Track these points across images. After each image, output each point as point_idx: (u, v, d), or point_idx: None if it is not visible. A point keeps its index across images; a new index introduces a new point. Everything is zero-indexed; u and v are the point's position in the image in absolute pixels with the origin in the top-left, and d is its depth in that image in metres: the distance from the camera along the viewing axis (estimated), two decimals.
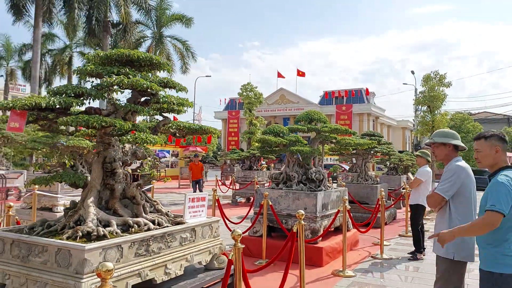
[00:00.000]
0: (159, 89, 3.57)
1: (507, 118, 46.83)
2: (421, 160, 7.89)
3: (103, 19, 30.24)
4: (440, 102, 14.45)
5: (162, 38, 35.71)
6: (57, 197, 8.32)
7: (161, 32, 35.77)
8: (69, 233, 3.21)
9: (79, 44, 37.78)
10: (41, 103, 3.03)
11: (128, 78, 3.41)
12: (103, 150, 3.70)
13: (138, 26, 34.75)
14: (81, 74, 3.54)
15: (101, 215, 3.51)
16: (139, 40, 35.55)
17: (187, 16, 34.71)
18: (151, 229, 3.57)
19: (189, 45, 35.65)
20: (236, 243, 3.33)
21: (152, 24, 35.75)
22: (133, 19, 32.84)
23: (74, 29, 33.00)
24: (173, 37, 36.09)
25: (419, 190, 7.76)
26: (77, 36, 37.19)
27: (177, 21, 35.09)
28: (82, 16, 30.17)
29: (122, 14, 30.11)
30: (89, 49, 35.89)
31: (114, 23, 31.79)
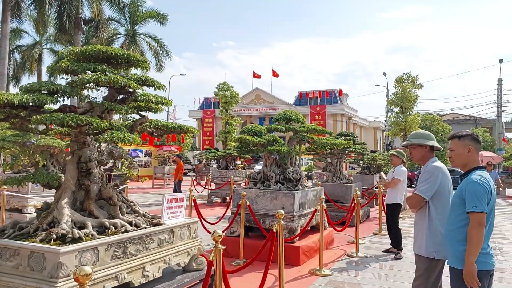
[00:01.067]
0: (137, 87, 3.48)
1: (474, 119, 48.31)
2: (396, 160, 7.96)
3: (74, 16, 29.52)
4: (412, 103, 14.75)
5: (135, 35, 35.16)
6: (27, 198, 8.05)
7: (135, 29, 35.21)
8: (43, 236, 3.09)
9: (49, 40, 36.76)
10: (13, 100, 2.91)
11: (105, 75, 3.31)
12: (77, 149, 3.59)
13: (111, 23, 34.12)
14: (54, 71, 3.42)
15: (76, 216, 3.40)
16: (111, 37, 34.89)
17: (162, 13, 34.29)
18: (128, 230, 3.49)
19: (164, 43, 35.25)
20: (217, 244, 3.28)
21: (126, 21, 35.16)
22: (105, 16, 32.19)
23: (45, 25, 32.02)
24: (147, 35, 35.62)
25: (396, 189, 7.89)
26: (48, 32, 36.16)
27: (151, 19, 34.62)
28: (53, 12, 29.36)
29: (95, 10, 29.48)
30: (60, 46, 35.05)
31: (86, 19, 31.06)
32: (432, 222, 3.77)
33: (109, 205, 3.69)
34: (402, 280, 6.14)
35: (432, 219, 3.78)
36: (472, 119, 47.23)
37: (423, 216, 3.85)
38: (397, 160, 7.95)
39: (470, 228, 3.13)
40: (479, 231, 3.10)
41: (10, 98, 2.90)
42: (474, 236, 3.11)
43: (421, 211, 3.89)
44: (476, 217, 3.09)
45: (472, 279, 3.08)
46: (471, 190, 3.15)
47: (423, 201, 3.80)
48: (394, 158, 7.98)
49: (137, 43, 34.95)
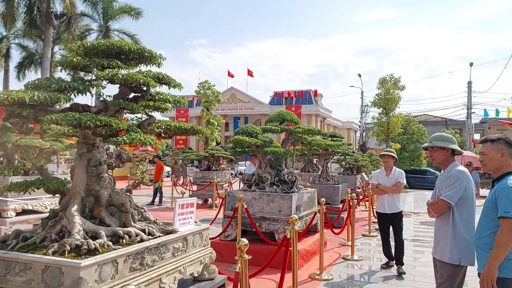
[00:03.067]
0: (155, 85, 3.23)
1: (445, 120, 49.58)
2: (392, 161, 7.07)
3: (45, 10, 28.40)
4: (395, 105, 14.89)
5: (109, 31, 34.27)
6: (7, 201, 7.56)
7: (108, 25, 34.33)
8: (55, 247, 2.80)
9: (18, 35, 35.31)
10: (25, 98, 2.61)
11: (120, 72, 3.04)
12: (86, 151, 3.30)
13: (83, 18, 33.07)
14: (64, 66, 3.12)
15: (88, 225, 3.12)
16: (84, 33, 33.85)
17: (136, 9, 33.53)
18: (144, 240, 3.23)
19: (138, 39, 34.42)
20: (242, 254, 3.08)
21: (99, 17, 34.23)
22: (78, 11, 31.20)
23: (13, 19, 30.76)
24: (121, 31, 34.75)
25: (399, 195, 7.00)
26: (16, 26, 34.73)
27: (125, 14, 33.79)
28: (22, 6, 28.21)
29: (67, 4, 28.54)
30: (29, 41, 33.80)
31: (57, 14, 29.94)
32: (457, 228, 3.67)
33: (121, 212, 3.41)
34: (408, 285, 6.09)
35: (457, 224, 3.68)
36: (443, 120, 48.42)
37: (447, 222, 3.75)
38: (392, 161, 7.08)
39: (499, 233, 3.05)
40: (509, 237, 3.02)
41: (21, 96, 2.60)
42: (503, 242, 3.03)
43: (443, 217, 3.79)
44: (508, 223, 3.02)
45: (489, 283, 3.01)
46: (506, 195, 3.07)
47: (448, 206, 3.71)
48: (390, 159, 7.09)
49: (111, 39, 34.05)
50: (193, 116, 54.92)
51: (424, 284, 6.15)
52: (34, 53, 34.24)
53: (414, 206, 16.84)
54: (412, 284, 6.14)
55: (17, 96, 2.58)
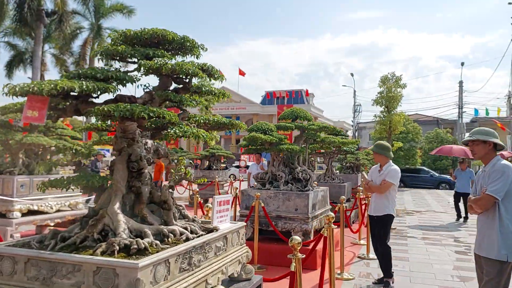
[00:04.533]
0: (203, 76, 3.05)
1: (436, 120, 49.96)
2: (381, 158, 6.00)
3: (36, 7, 27.85)
4: (397, 103, 14.87)
5: (101, 30, 33.84)
6: (12, 202, 7.28)
7: (100, 23, 33.89)
8: (103, 247, 2.62)
9: (7, 33, 34.61)
10: (74, 87, 2.42)
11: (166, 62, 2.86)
12: (127, 146, 3.11)
13: (74, 16, 32.58)
14: (107, 56, 2.93)
15: (132, 223, 2.94)
16: (75, 31, 33.36)
17: (128, 7, 33.15)
18: (189, 238, 3.06)
19: None
20: (296, 253, 2.93)
21: (90, 15, 33.78)
22: (69, 9, 30.69)
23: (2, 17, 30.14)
24: (113, 29, 34.25)
25: (388, 195, 5.90)
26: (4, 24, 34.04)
27: (117, 12, 33.38)
28: (12, 3, 27.64)
29: (58, 2, 28.03)
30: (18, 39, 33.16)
31: (48, 12, 29.39)
32: (503, 223, 3.56)
33: (162, 210, 3.24)
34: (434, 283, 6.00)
35: (503, 219, 3.57)
36: (434, 119, 48.78)
37: (493, 217, 3.63)
38: (382, 157, 6.00)
39: None
40: None
41: (70, 85, 2.41)
42: None
43: (488, 213, 3.68)
44: None
45: None
46: None
47: (494, 201, 3.60)
48: (377, 155, 6.05)
49: (103, 38, 33.64)
50: None
51: (447, 282, 6.07)
52: (24, 52, 33.58)
53: (414, 205, 16.85)
54: (434, 282, 6.05)
55: (66, 86, 2.39)
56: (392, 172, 5.89)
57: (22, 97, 2.57)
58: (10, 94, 2.46)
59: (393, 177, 5.85)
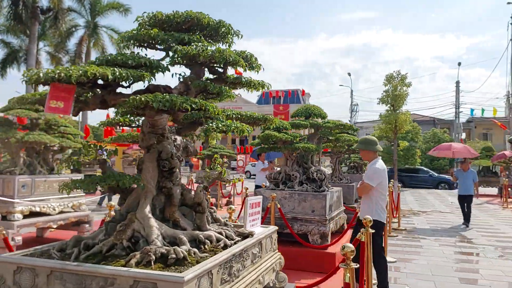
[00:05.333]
0: (244, 65, 2.74)
1: (433, 120, 49.97)
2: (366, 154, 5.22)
3: (31, 4, 27.31)
4: (403, 101, 14.65)
5: (96, 28, 33.31)
6: (13, 203, 6.91)
7: (96, 21, 33.37)
8: (138, 257, 2.30)
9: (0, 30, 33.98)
10: (107, 74, 2.10)
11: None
12: (156, 143, 2.79)
13: (70, 13, 32.03)
14: (136, 41, 2.61)
15: (165, 229, 2.63)
16: (70, 29, 32.81)
17: (124, 5, 32.64)
18: (227, 245, 2.75)
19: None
20: (349, 262, 2.63)
21: (86, 12, 33.25)
22: (65, 6, 30.16)
23: None
24: (109, 28, 33.85)
25: (371, 197, 5.04)
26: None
27: (114, 10, 32.88)
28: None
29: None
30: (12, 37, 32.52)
31: (43, 9, 28.85)
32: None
33: (195, 213, 2.92)
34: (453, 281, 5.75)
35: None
36: (431, 119, 48.76)
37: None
38: (367, 153, 5.18)
39: None
40: None
41: (103, 72, 2.09)
42: None
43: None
44: None
45: None
46: None
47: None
48: (361, 152, 5.37)
49: (99, 36, 33.16)
50: None
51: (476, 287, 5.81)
52: (18, 50, 32.96)
53: (418, 205, 16.63)
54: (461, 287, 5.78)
55: (98, 72, 2.07)
56: (369, 171, 5.00)
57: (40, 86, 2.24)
58: (32, 82, 2.14)
59: (369, 177, 4.94)
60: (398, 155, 27.61)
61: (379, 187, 4.98)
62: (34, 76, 2.01)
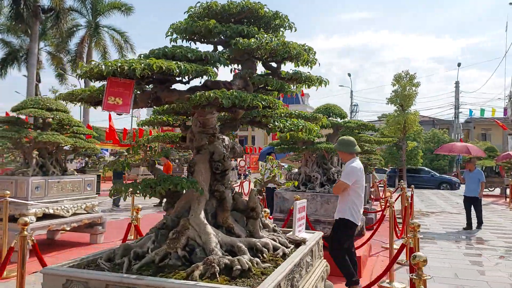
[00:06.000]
0: (307, 59, 2.54)
1: (432, 120, 49.92)
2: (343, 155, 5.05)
3: (32, 3, 27.03)
4: (411, 101, 14.52)
5: (98, 27, 33.02)
6: (27, 205, 6.70)
7: (97, 21, 33.08)
8: (201, 269, 2.11)
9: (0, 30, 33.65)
10: (173, 68, 1.91)
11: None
12: (208, 143, 2.61)
13: (71, 13, 31.74)
14: (187, 33, 2.42)
15: (221, 236, 2.44)
16: (71, 28, 32.52)
17: (127, 4, 32.37)
18: (286, 254, 2.56)
19: (128, 36, 33.33)
20: (420, 272, 2.44)
21: (87, 12, 32.97)
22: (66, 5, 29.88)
23: None
24: (111, 27, 33.53)
25: (344, 197, 4.92)
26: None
27: (116, 10, 32.61)
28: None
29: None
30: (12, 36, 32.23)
31: (45, 8, 28.56)
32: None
33: (247, 219, 2.73)
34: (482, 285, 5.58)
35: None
36: (430, 120, 48.70)
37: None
38: (343, 155, 5.01)
39: None
40: None
41: (168, 65, 1.89)
42: None
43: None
44: None
45: None
46: None
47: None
48: (340, 154, 5.17)
49: (100, 36, 32.88)
50: None
51: None
52: (19, 49, 32.66)
53: (424, 205, 16.49)
54: None
55: (164, 66, 1.87)
56: (346, 170, 4.87)
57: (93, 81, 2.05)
58: (87, 76, 1.95)
59: (345, 176, 4.80)
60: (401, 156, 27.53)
61: (355, 186, 4.86)
62: (95, 68, 1.81)
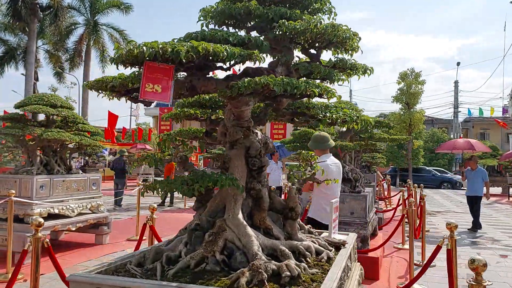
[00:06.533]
0: (353, 45, 2.33)
1: (431, 119, 49.82)
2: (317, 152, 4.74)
3: (30, 1, 26.69)
4: (417, 100, 14.33)
5: (97, 25, 32.72)
6: (32, 205, 6.46)
7: (96, 19, 32.78)
8: (247, 275, 1.89)
9: None
10: (219, 51, 1.69)
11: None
12: (243, 137, 2.39)
13: (69, 11, 31.41)
14: (220, 16, 2.19)
15: (262, 239, 2.22)
16: (69, 27, 32.19)
17: (125, 3, 32.09)
18: (331, 258, 2.35)
19: (127, 34, 33.02)
20: (479, 278, 2.23)
21: (85, 10, 32.67)
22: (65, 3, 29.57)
23: None
24: (109, 25, 33.24)
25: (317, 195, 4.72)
26: None
27: (114, 8, 32.31)
28: None
29: None
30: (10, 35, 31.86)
31: (43, 6, 28.24)
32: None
33: (285, 219, 2.52)
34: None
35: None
36: (429, 119, 48.57)
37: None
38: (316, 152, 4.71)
39: None
40: None
41: (215, 48, 1.67)
42: None
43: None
44: None
45: None
46: None
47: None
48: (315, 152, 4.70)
49: (99, 34, 32.58)
50: None
51: None
52: (16, 48, 32.29)
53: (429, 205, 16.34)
54: None
55: (212, 49, 1.65)
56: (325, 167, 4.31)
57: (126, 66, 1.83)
58: (122, 60, 1.72)
59: None
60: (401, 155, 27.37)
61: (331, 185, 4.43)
62: (137, 50, 1.58)
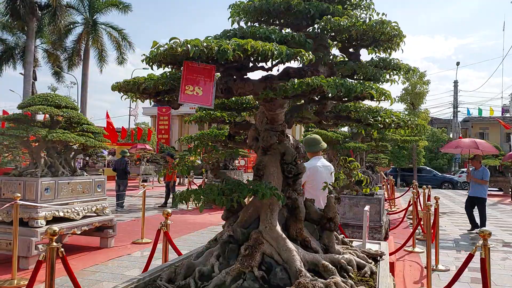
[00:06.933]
0: (399, 44, 2.18)
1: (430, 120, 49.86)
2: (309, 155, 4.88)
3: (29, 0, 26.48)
4: (422, 99, 14.19)
5: (96, 25, 32.47)
6: (37, 208, 6.27)
7: (95, 18, 32.53)
8: None
9: None
10: (268, 50, 1.53)
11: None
12: (277, 142, 2.23)
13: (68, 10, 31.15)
14: (259, 14, 2.03)
15: (303, 253, 2.07)
16: (68, 26, 31.92)
17: (124, 2, 31.85)
18: (374, 273, 2.19)
19: (126, 34, 32.82)
20: None
21: (84, 9, 32.40)
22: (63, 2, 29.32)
23: None
24: (108, 25, 32.97)
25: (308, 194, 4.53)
26: None
27: (113, 7, 32.07)
28: None
29: None
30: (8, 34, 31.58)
31: (41, 5, 28.02)
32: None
33: (322, 230, 2.36)
34: None
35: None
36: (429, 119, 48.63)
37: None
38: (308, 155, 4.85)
39: None
40: None
41: (263, 46, 1.51)
42: None
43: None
44: None
45: None
46: None
47: None
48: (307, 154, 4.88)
49: (98, 34, 32.32)
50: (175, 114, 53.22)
51: None
52: (14, 47, 32.01)
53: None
54: None
55: (259, 47, 1.48)
56: None
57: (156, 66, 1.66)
58: (160, 59, 1.56)
59: None
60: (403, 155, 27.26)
61: (307, 186, 4.59)
62: (181, 48, 1.41)
